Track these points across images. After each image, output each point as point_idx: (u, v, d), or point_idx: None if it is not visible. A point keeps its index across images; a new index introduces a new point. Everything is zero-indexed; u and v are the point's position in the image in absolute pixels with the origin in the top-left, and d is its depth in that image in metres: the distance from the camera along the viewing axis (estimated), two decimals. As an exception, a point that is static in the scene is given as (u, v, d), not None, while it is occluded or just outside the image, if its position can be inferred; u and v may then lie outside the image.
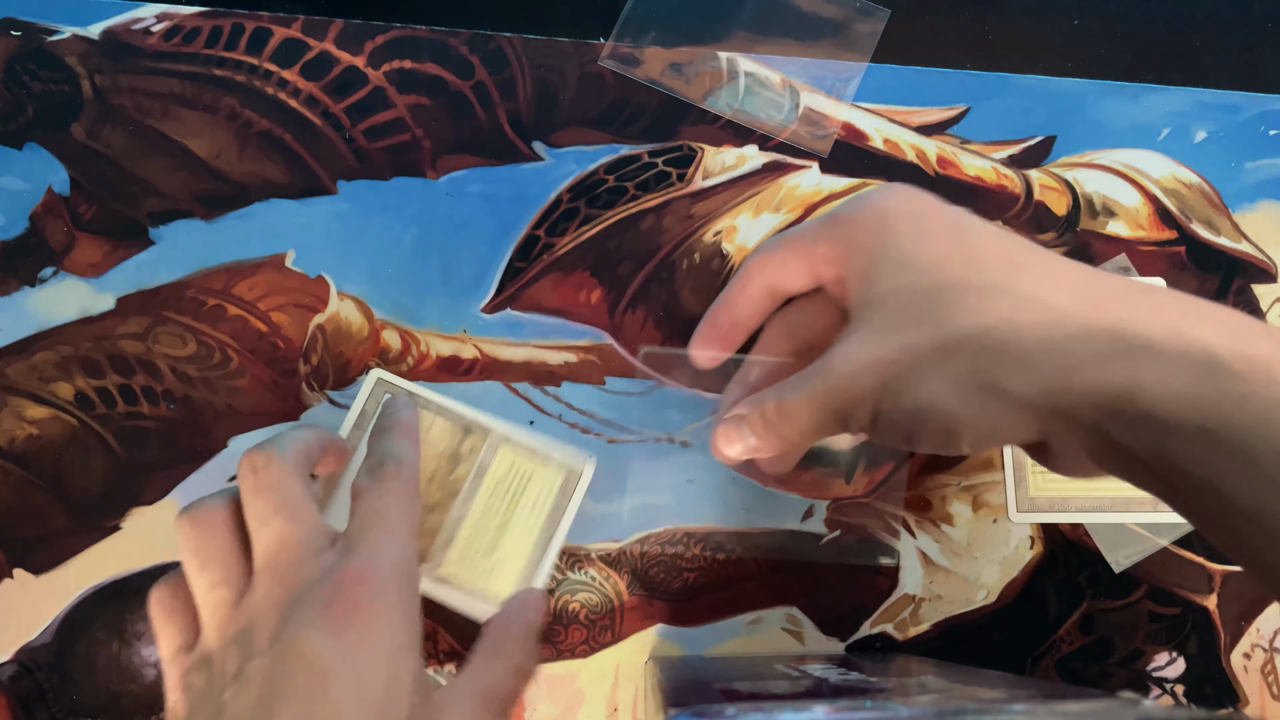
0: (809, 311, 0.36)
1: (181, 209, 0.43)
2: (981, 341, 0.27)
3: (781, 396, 0.32)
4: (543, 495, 0.39)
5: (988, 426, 0.28)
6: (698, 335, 0.37)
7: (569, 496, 0.39)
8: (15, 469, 0.41)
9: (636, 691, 0.41)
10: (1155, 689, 0.43)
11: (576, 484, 0.39)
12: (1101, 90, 0.46)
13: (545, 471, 0.39)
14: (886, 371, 0.29)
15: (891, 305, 0.30)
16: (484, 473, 0.39)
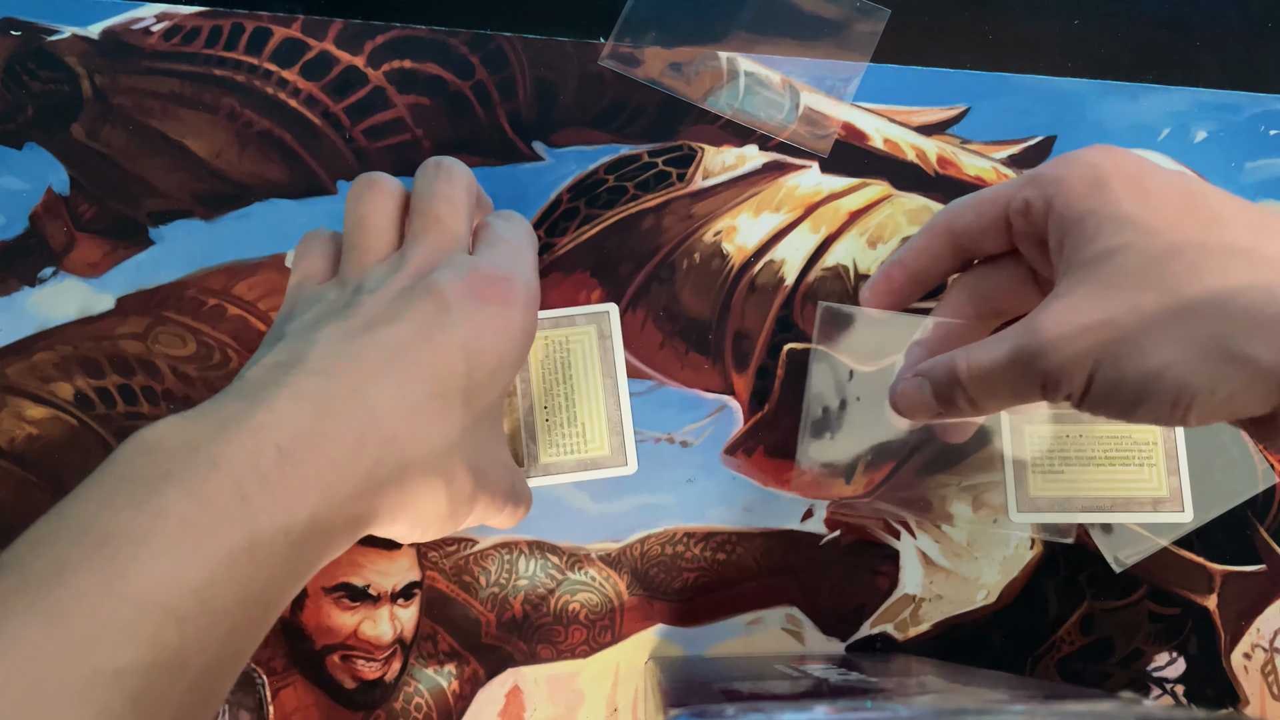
0: (998, 276, 0.34)
1: (181, 209, 0.43)
2: (1225, 305, 0.25)
3: (976, 358, 0.30)
4: (587, 351, 0.41)
5: (1223, 396, 0.26)
6: (870, 286, 0.36)
7: (609, 337, 0.41)
8: (15, 469, 0.41)
9: (636, 692, 0.41)
10: (1155, 689, 0.43)
11: (610, 326, 0.41)
12: (1102, 90, 0.46)
13: (576, 332, 0.41)
14: (1109, 333, 0.26)
15: (1113, 266, 0.27)
16: (526, 364, 0.41)
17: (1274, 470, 0.44)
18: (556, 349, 0.41)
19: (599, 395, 0.41)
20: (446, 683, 0.41)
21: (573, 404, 0.41)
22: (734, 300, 0.44)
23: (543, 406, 0.41)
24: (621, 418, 0.41)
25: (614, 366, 0.41)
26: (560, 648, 0.41)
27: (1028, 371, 0.28)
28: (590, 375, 0.41)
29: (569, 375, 0.41)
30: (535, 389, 0.41)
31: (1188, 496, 0.42)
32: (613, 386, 0.41)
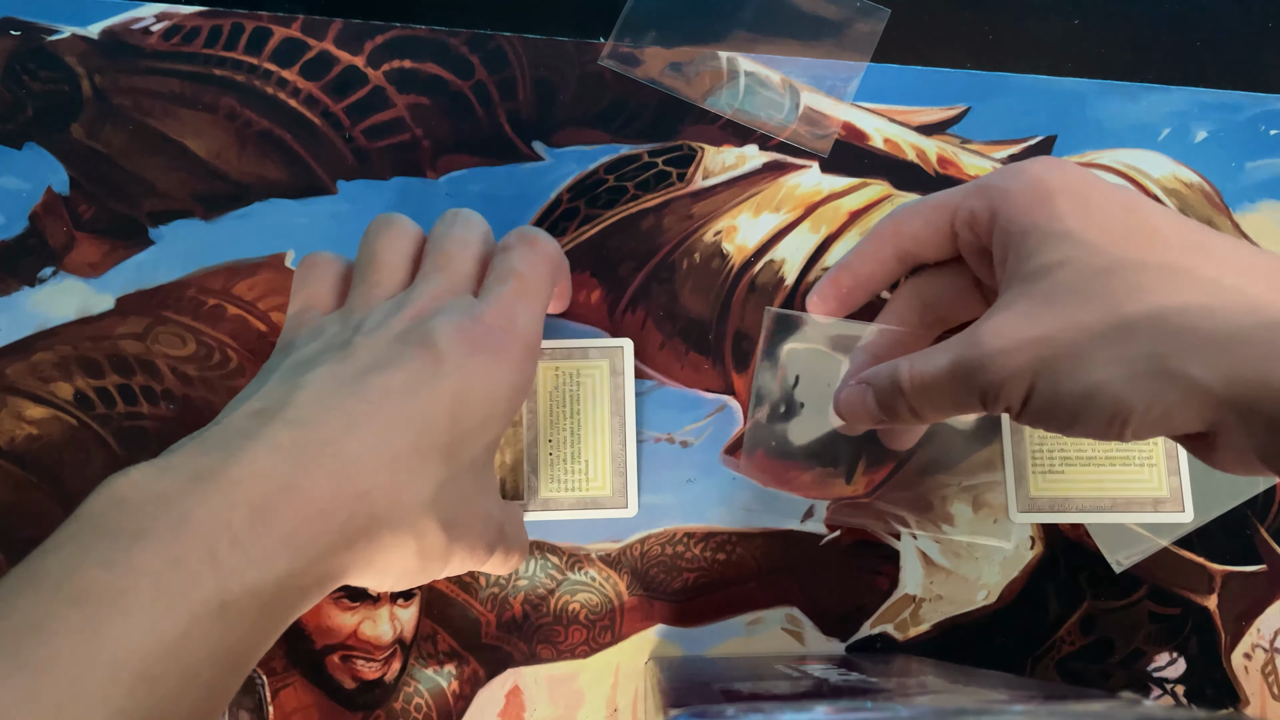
0: (942, 283, 0.34)
1: (181, 209, 0.43)
2: (1163, 323, 0.25)
3: (918, 368, 0.30)
4: (597, 384, 0.40)
5: (1159, 413, 0.26)
6: (816, 291, 0.36)
7: (621, 374, 0.40)
8: (14, 469, 0.41)
9: (636, 692, 0.41)
10: (1156, 689, 0.43)
11: (623, 363, 0.40)
12: (1102, 90, 0.46)
13: (588, 365, 0.40)
14: (1048, 349, 0.27)
15: (1053, 280, 0.27)
16: (534, 394, 0.40)
17: (1274, 470, 0.44)
18: (566, 381, 0.40)
19: (605, 433, 0.40)
20: (446, 683, 0.41)
21: (578, 439, 0.40)
22: (734, 300, 0.44)
23: (547, 440, 0.40)
24: (626, 458, 0.40)
25: (624, 405, 0.40)
26: (560, 648, 0.41)
27: (968, 384, 0.29)
28: (599, 411, 0.40)
29: (576, 410, 0.40)
30: (541, 420, 0.40)
31: (1188, 496, 0.42)
32: (620, 425, 0.40)
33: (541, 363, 0.40)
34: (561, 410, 0.40)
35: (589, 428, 0.40)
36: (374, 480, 0.28)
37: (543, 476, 0.40)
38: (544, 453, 0.40)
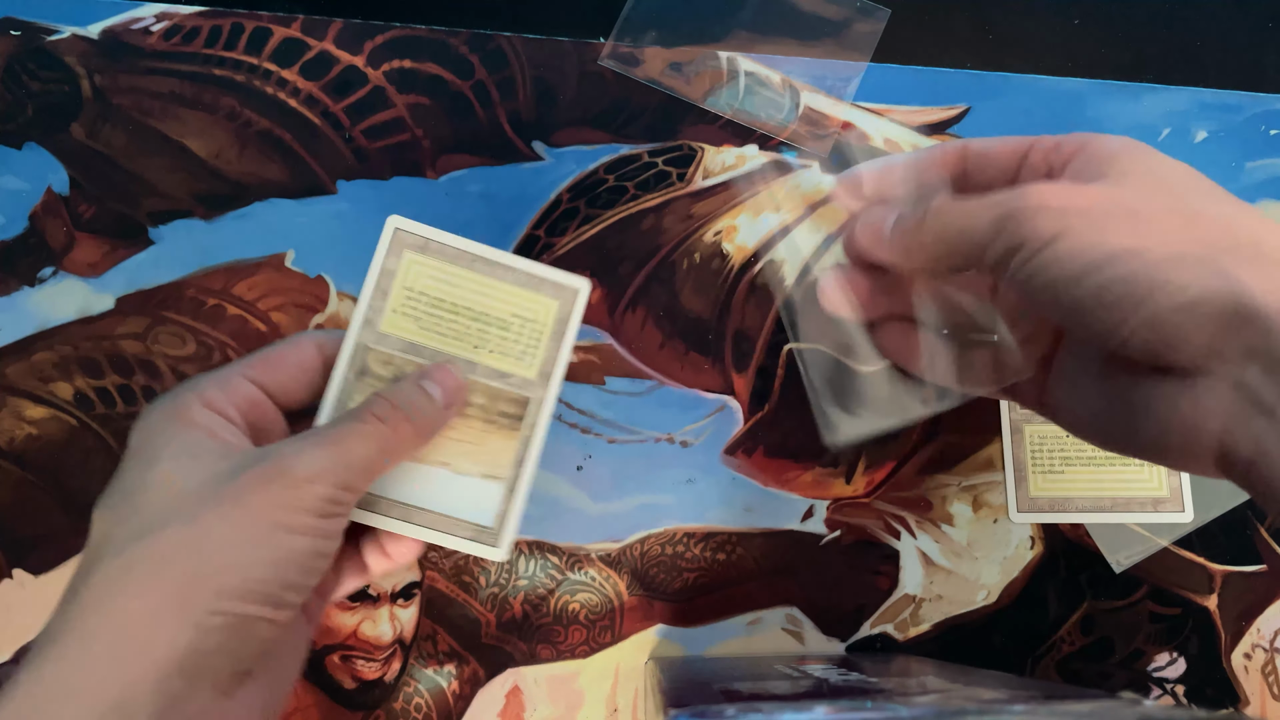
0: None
1: (181, 209, 0.43)
2: (1231, 225, 0.25)
3: (951, 203, 0.28)
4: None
5: (1182, 301, 0.24)
6: (864, 170, 0.33)
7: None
8: (14, 469, 0.41)
9: (636, 692, 0.41)
10: (1156, 689, 0.43)
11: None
12: (1102, 90, 0.46)
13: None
14: (1103, 202, 0.25)
15: (1128, 177, 0.27)
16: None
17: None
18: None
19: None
20: (446, 683, 0.41)
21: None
22: (734, 300, 0.44)
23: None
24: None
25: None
26: (560, 648, 0.41)
27: (994, 211, 0.27)
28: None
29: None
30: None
31: (1188, 496, 0.42)
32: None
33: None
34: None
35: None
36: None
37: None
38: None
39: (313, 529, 0.27)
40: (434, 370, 0.32)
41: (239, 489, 0.27)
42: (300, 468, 0.27)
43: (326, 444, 0.28)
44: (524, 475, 0.32)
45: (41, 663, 0.25)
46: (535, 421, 0.33)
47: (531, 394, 0.33)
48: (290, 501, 0.27)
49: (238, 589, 0.26)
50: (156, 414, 0.29)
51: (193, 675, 0.25)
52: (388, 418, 0.30)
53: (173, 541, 0.26)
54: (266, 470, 0.27)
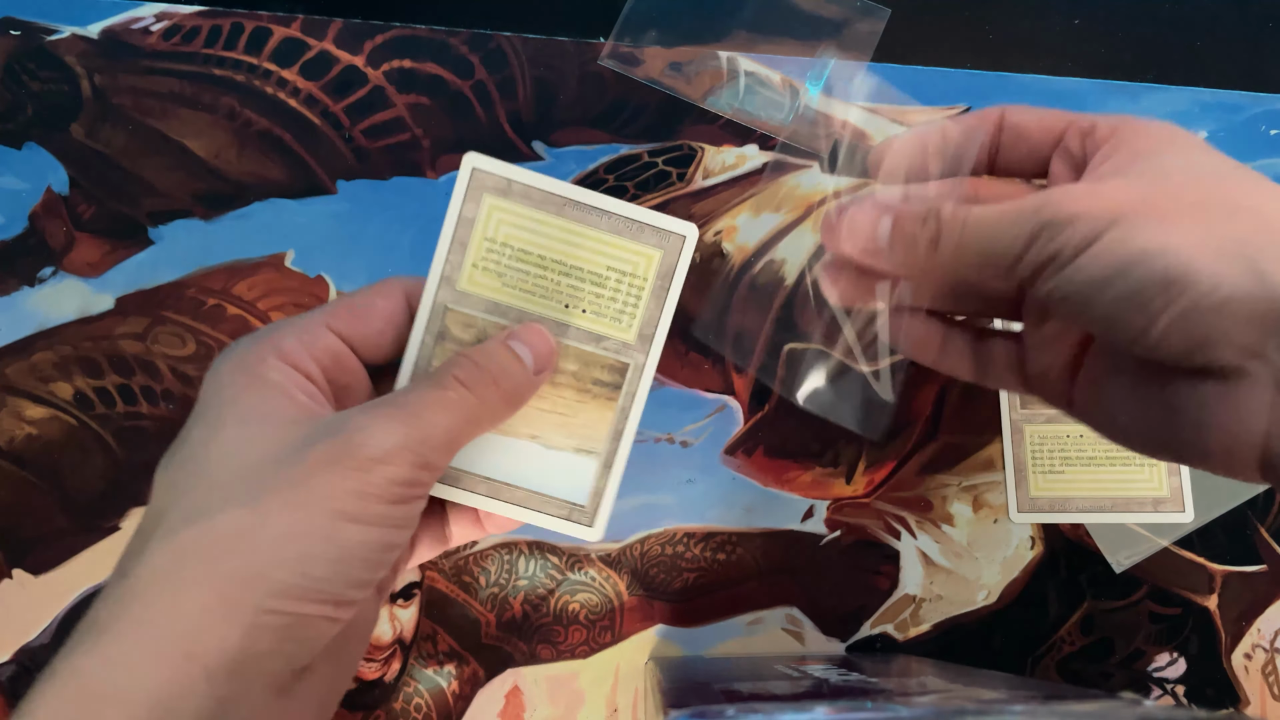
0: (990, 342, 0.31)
1: (181, 208, 0.43)
2: (1268, 222, 0.23)
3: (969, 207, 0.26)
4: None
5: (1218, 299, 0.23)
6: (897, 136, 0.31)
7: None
8: (14, 469, 0.41)
9: (636, 692, 0.41)
10: (1156, 689, 0.43)
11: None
12: (1102, 90, 0.46)
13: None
14: (1136, 205, 0.24)
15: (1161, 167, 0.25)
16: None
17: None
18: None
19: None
20: (446, 683, 0.41)
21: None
22: (734, 300, 0.44)
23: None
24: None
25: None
26: (560, 648, 0.41)
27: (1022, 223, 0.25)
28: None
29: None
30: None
31: (1188, 497, 0.42)
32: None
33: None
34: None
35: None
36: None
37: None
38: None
39: (384, 518, 0.25)
40: (523, 331, 0.28)
41: (305, 471, 0.24)
42: (372, 445, 0.24)
43: (402, 415, 0.25)
44: (621, 450, 0.29)
45: (83, 655, 0.23)
46: (634, 391, 0.29)
47: (630, 359, 0.29)
48: (359, 487, 0.24)
49: (296, 588, 0.24)
50: (229, 365, 0.26)
51: (245, 677, 0.23)
52: (472, 382, 0.26)
53: (228, 530, 0.24)
54: (334, 449, 0.24)
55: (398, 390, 0.27)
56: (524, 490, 0.29)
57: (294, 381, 0.26)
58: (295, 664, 0.24)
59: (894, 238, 0.27)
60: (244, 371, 0.26)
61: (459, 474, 0.29)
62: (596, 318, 0.29)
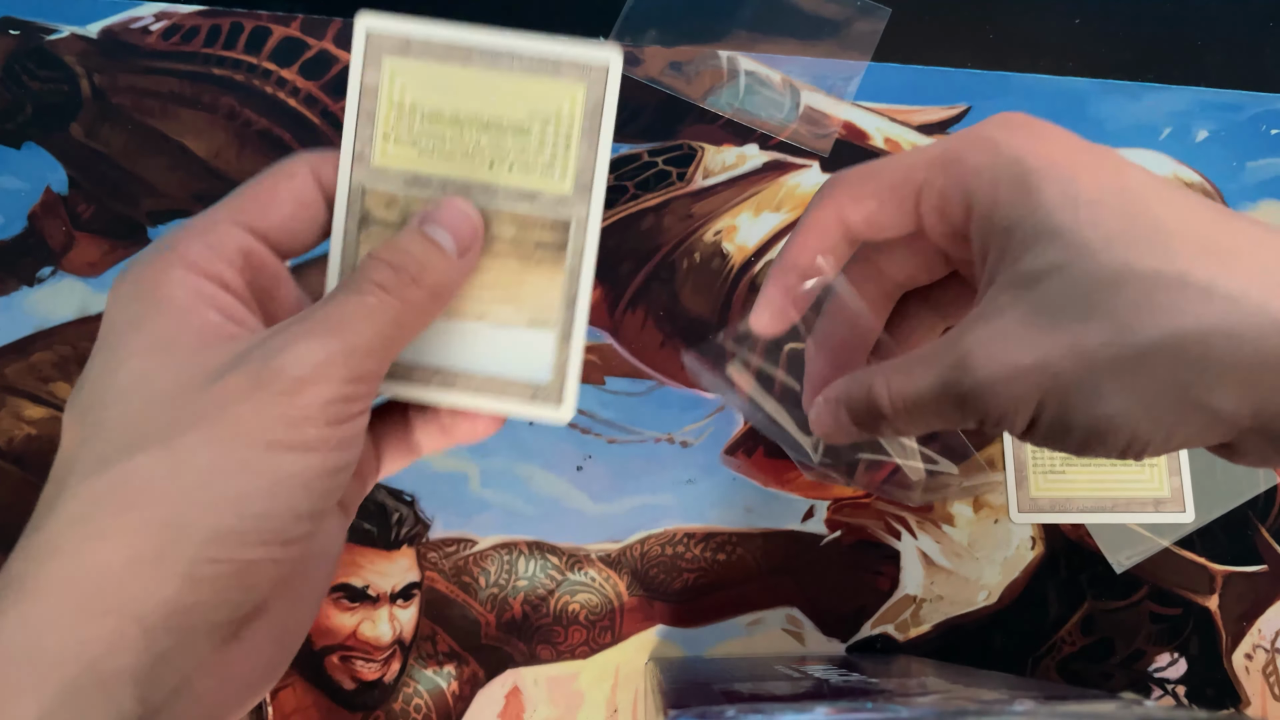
0: (898, 251, 0.30)
1: (180, 208, 0.43)
2: (1182, 351, 0.23)
3: (899, 388, 0.26)
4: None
5: (1180, 440, 0.24)
6: (763, 306, 0.30)
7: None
8: (14, 469, 0.41)
9: (636, 693, 0.41)
10: (1157, 690, 0.43)
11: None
12: (1103, 89, 0.46)
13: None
14: (1051, 379, 0.24)
15: (1047, 290, 0.24)
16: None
17: (1275, 471, 0.44)
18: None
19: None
20: (446, 683, 0.41)
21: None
22: (734, 300, 0.44)
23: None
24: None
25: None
26: (560, 648, 0.41)
27: (962, 407, 0.25)
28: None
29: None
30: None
31: (1189, 497, 0.42)
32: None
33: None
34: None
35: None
36: None
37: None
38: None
39: (321, 441, 0.22)
40: (437, 211, 0.25)
41: (222, 400, 0.21)
42: (295, 367, 0.22)
43: (323, 331, 0.22)
44: (578, 317, 0.26)
45: (1, 618, 0.21)
46: (581, 248, 0.26)
47: (571, 213, 0.26)
48: (288, 412, 0.21)
49: (233, 532, 0.21)
50: (128, 286, 0.23)
51: (182, 630, 0.21)
52: (391, 285, 0.24)
53: (146, 473, 0.21)
54: (253, 374, 0.22)
55: (315, 304, 0.24)
56: (480, 377, 0.26)
57: (205, 295, 0.23)
58: (242, 610, 0.22)
59: (859, 425, 0.28)
60: (146, 292, 0.23)
61: (407, 368, 0.26)
62: (525, 173, 0.26)
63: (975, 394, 0.24)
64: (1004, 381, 0.24)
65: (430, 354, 0.26)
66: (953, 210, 0.26)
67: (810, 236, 0.28)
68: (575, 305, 0.26)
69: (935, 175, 0.26)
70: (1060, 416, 0.24)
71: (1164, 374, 0.23)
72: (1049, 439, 0.25)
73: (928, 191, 0.27)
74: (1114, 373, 0.23)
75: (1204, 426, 0.23)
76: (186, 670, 0.22)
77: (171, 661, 0.21)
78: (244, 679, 0.23)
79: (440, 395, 0.26)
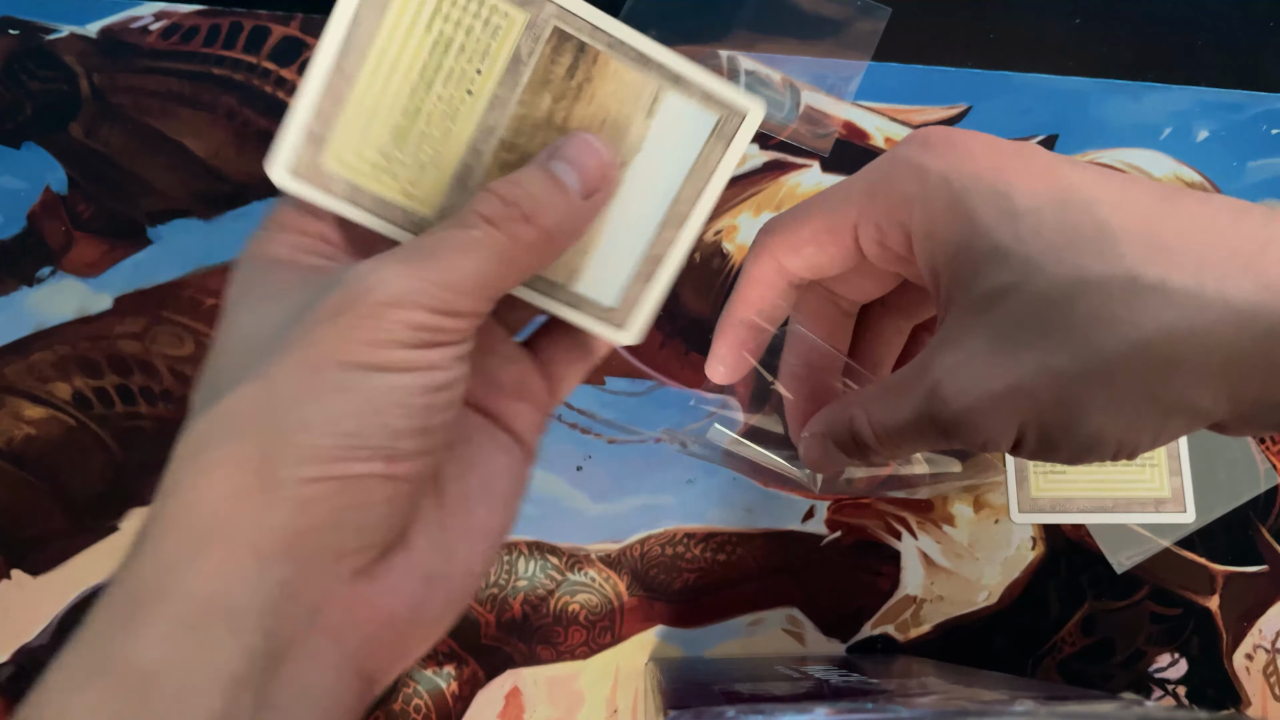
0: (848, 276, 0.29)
1: (180, 208, 0.43)
2: (1150, 356, 0.22)
3: (879, 420, 0.26)
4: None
5: (1168, 436, 0.24)
6: (717, 360, 0.29)
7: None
8: (13, 469, 0.40)
9: (636, 693, 0.41)
10: (1157, 690, 0.43)
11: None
12: (1103, 89, 0.46)
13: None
14: (1027, 403, 0.23)
15: (1005, 313, 0.23)
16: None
17: (1276, 471, 0.44)
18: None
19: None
20: (445, 684, 0.41)
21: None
22: (734, 300, 0.43)
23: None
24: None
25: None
26: (560, 649, 0.41)
27: (945, 434, 0.25)
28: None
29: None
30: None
31: (1189, 497, 0.42)
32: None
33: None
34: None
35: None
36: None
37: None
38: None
39: (409, 362, 0.22)
40: (566, 145, 0.24)
41: (309, 324, 0.22)
42: (379, 292, 0.21)
43: (415, 259, 0.22)
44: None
45: (130, 563, 0.21)
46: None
47: None
48: (369, 334, 0.21)
49: (329, 449, 0.21)
50: (240, 261, 0.24)
51: (305, 556, 0.21)
52: (500, 219, 0.23)
53: (239, 405, 0.21)
54: (336, 300, 0.22)
55: (417, 237, 0.24)
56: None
57: (304, 246, 0.24)
58: (366, 537, 0.22)
59: (848, 454, 0.28)
60: (253, 258, 0.24)
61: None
62: None
63: (955, 423, 0.24)
64: (980, 411, 0.24)
65: None
66: (892, 241, 0.26)
67: (752, 290, 0.28)
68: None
69: (867, 209, 0.26)
70: (1044, 436, 0.24)
71: (1136, 383, 0.22)
72: (1038, 455, 0.25)
73: (864, 226, 0.26)
74: (1087, 389, 0.23)
75: (1187, 422, 0.23)
76: (313, 601, 0.21)
77: (295, 592, 0.21)
78: (388, 620, 0.23)
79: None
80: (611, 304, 0.26)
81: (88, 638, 0.20)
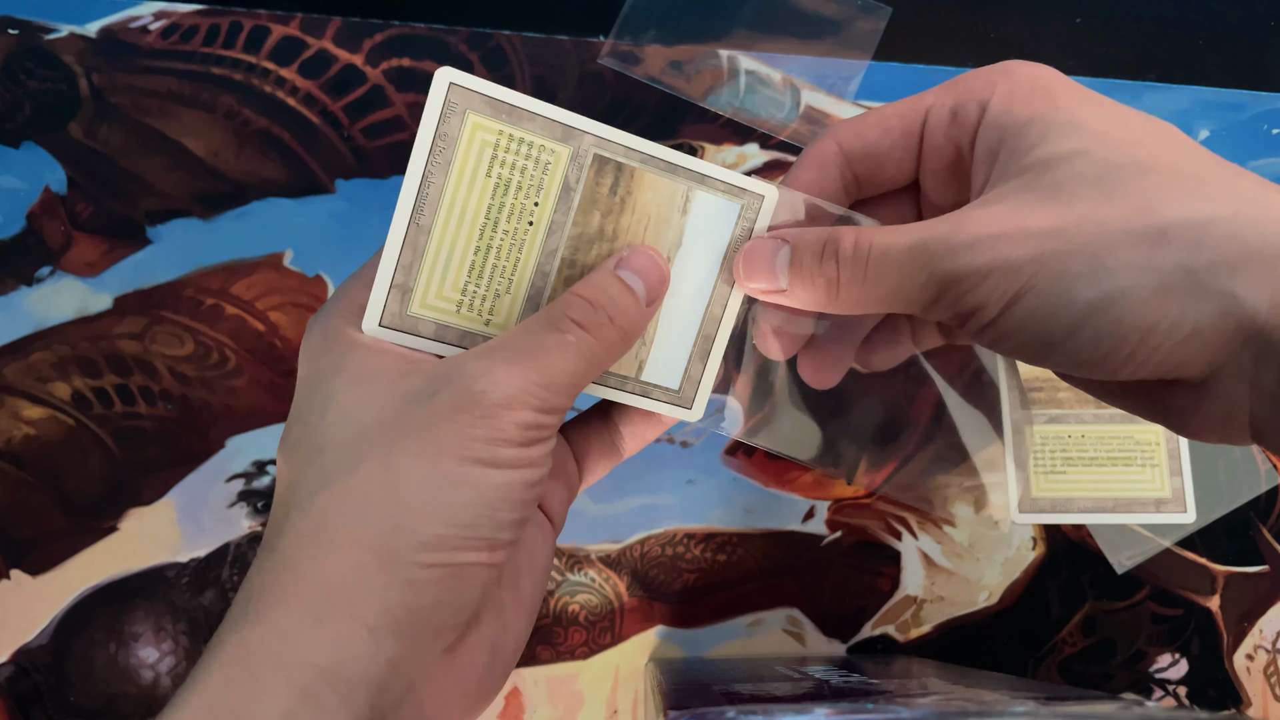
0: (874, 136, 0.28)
1: (179, 208, 0.43)
2: (1205, 232, 0.21)
3: (869, 236, 0.24)
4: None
5: (1181, 335, 0.22)
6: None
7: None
8: (12, 469, 0.40)
9: (636, 693, 0.41)
10: (1158, 690, 0.43)
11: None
12: (1104, 89, 0.46)
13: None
14: (1059, 242, 0.22)
15: (1067, 170, 0.23)
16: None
17: (1276, 471, 0.44)
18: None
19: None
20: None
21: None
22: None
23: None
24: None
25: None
26: (560, 649, 0.41)
27: (930, 269, 0.23)
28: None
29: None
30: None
31: (1190, 497, 0.42)
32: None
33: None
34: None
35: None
36: None
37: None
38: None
39: (517, 460, 0.23)
40: (631, 256, 0.26)
41: (428, 419, 0.23)
42: (494, 393, 0.23)
43: (521, 361, 0.24)
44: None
45: (249, 625, 0.22)
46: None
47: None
48: (487, 434, 0.23)
49: (447, 538, 0.23)
50: (318, 338, 0.26)
51: (410, 635, 0.23)
52: (590, 323, 0.25)
53: (365, 488, 0.23)
54: (455, 398, 0.23)
55: (509, 333, 0.25)
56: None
57: (384, 337, 0.26)
58: (460, 616, 0.24)
59: (793, 278, 0.26)
60: (334, 340, 0.25)
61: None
62: None
63: (956, 250, 0.23)
64: (1001, 240, 0.22)
65: None
66: (964, 121, 0.26)
67: (807, 172, 0.28)
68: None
69: (944, 95, 0.26)
70: (1057, 289, 0.22)
71: (1184, 253, 0.22)
72: (1025, 325, 0.23)
73: (937, 110, 0.26)
74: (1129, 245, 0.22)
75: (1214, 317, 0.22)
76: (413, 676, 0.23)
77: (400, 667, 0.23)
78: (462, 691, 0.25)
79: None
80: (674, 386, 0.29)
81: (205, 694, 0.22)
